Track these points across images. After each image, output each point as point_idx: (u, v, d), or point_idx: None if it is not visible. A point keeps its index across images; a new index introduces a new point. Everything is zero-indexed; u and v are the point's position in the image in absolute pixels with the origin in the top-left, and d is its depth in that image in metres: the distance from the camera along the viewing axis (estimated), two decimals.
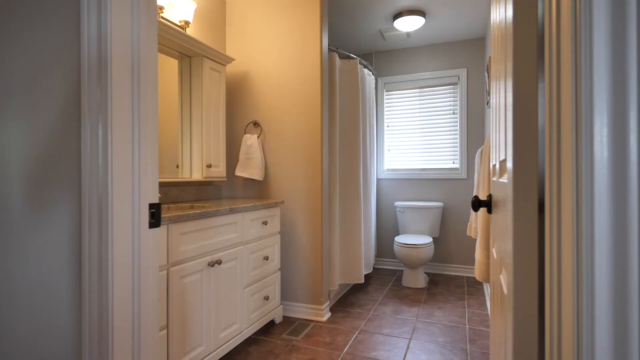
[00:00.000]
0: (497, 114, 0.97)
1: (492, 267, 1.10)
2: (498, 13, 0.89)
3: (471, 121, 3.67)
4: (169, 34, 2.01)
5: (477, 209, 1.19)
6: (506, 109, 0.68)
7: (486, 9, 3.01)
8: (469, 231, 2.41)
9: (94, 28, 0.72)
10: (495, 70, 1.01)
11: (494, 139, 1.06)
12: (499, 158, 0.87)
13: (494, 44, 1.09)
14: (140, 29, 0.76)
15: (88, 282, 0.72)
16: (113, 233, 0.72)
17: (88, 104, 0.74)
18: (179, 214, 1.60)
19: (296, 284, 2.62)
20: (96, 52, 0.72)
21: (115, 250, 0.72)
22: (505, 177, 0.75)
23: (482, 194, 1.61)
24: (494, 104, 1.05)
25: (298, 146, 2.59)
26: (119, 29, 0.73)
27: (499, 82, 0.88)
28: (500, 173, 0.86)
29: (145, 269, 0.78)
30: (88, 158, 0.74)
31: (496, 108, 0.96)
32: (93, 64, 0.72)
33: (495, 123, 1.04)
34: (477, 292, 3.17)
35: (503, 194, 0.77)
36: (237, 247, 2.03)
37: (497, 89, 0.91)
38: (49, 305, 0.81)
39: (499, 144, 0.86)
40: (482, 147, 2.23)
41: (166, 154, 2.24)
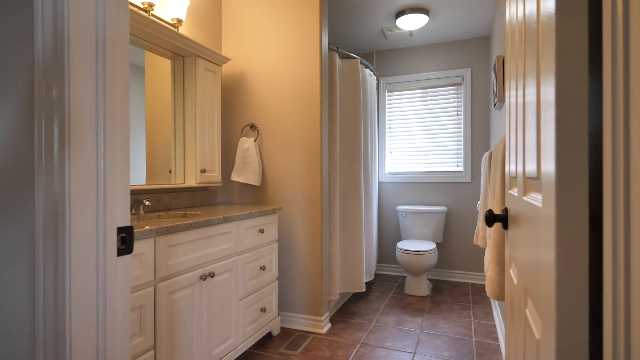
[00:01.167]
0: (517, 116, 0.85)
1: (510, 291, 0.99)
2: (522, 6, 0.78)
3: (476, 123, 3.56)
4: (159, 32, 1.90)
5: (491, 224, 1.08)
6: (540, 109, 0.57)
7: (492, 6, 2.90)
8: (475, 239, 2.29)
9: (49, 8, 0.60)
10: (515, 67, 0.90)
11: (513, 144, 0.95)
12: (523, 166, 0.76)
13: (512, 41, 0.97)
14: (106, 11, 0.65)
15: (43, 321, 0.60)
16: (71, 263, 0.61)
17: (42, 103, 0.62)
18: (168, 225, 1.48)
19: (295, 294, 2.50)
20: (51, 36, 0.61)
21: (75, 284, 0.61)
22: (536, 194, 0.64)
23: (494, 204, 1.50)
24: (513, 103, 0.94)
25: (297, 149, 2.48)
26: (79, 9, 0.62)
27: (522, 80, 0.77)
28: (524, 188, 0.75)
29: (113, 305, 0.66)
30: (43, 171, 0.62)
31: (517, 109, 0.85)
32: (48, 51, 0.61)
33: (514, 124, 0.93)
34: (482, 300, 3.06)
35: (530, 212, 0.65)
36: (232, 258, 1.92)
37: (521, 88, 0.80)
38: None
39: (524, 150, 0.74)
40: (491, 151, 2.11)
41: (159, 158, 2.13)
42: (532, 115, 0.65)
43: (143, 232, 1.37)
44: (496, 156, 1.59)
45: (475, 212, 3.58)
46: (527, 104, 0.70)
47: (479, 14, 3.04)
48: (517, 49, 0.87)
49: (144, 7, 1.94)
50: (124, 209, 0.70)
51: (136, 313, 1.37)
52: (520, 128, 0.81)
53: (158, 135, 2.14)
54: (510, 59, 1.04)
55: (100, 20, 0.64)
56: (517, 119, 0.87)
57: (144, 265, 1.39)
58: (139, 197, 1.99)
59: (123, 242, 0.70)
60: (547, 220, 0.51)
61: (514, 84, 0.94)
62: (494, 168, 1.64)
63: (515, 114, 0.89)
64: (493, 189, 1.60)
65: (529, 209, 0.66)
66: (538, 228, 0.57)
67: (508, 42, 1.07)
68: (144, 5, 1.92)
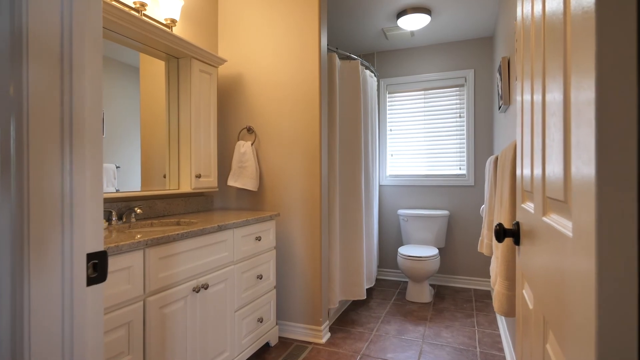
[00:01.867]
0: (534, 118, 0.78)
1: (524, 314, 0.91)
2: (541, 4, 0.70)
3: (479, 125, 3.48)
4: (151, 33, 1.83)
5: (501, 239, 1.01)
6: (571, 110, 0.49)
7: (496, 6, 2.82)
8: (480, 247, 2.22)
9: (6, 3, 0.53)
10: (531, 68, 0.82)
11: (527, 150, 0.88)
12: (543, 181, 0.68)
13: (526, 40, 0.90)
14: (73, 6, 0.58)
15: None
16: (31, 299, 0.53)
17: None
18: (158, 236, 1.41)
19: (293, 302, 2.43)
20: (8, 28, 0.54)
21: (35, 322, 0.53)
22: (561, 218, 0.56)
23: (502, 214, 1.42)
24: (527, 105, 0.86)
25: (295, 153, 2.41)
26: (41, 2, 0.55)
27: (541, 80, 0.69)
28: (544, 207, 0.67)
29: (81, 343, 0.59)
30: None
31: (534, 110, 0.77)
32: (3, 45, 0.54)
33: (528, 127, 0.85)
34: (486, 307, 2.98)
35: (553, 237, 0.58)
36: (227, 268, 1.84)
37: (539, 88, 0.72)
38: None
39: (543, 159, 0.67)
40: (497, 156, 2.03)
41: (154, 163, 2.06)
42: (555, 118, 0.57)
43: (131, 244, 1.29)
44: (504, 163, 1.51)
45: (478, 217, 3.50)
46: (549, 104, 0.62)
47: (482, 14, 2.96)
48: (533, 48, 0.79)
49: (135, 7, 1.87)
50: (96, 231, 0.63)
51: (124, 330, 1.29)
52: (537, 132, 0.73)
53: (154, 138, 2.06)
54: (522, 59, 0.96)
55: (66, 17, 0.57)
56: (533, 122, 0.80)
57: (132, 279, 1.32)
58: (130, 205, 1.91)
59: (95, 269, 0.63)
60: (580, 259, 0.43)
61: (528, 85, 0.86)
62: (501, 175, 1.57)
63: (531, 116, 0.82)
64: (500, 198, 1.52)
65: (550, 233, 0.59)
66: (566, 261, 0.49)
67: (519, 42, 0.99)
68: (136, 5, 1.85)
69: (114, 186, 1.83)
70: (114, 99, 1.86)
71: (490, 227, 2.06)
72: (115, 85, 1.86)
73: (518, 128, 1.02)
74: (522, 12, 0.96)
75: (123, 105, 1.90)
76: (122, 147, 1.89)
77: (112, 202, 1.81)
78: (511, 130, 2.10)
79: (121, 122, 1.89)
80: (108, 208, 1.79)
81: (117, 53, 1.84)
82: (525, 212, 0.89)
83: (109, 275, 1.23)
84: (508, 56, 2.17)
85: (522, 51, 0.96)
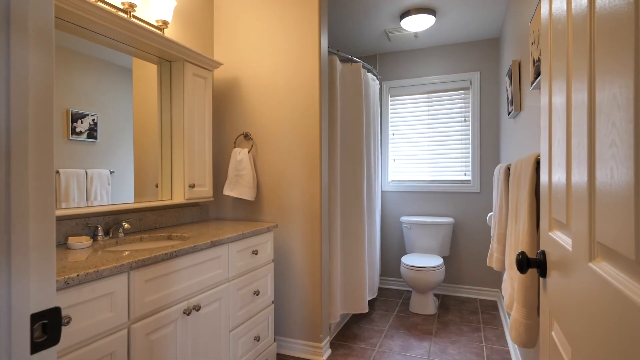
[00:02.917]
0: (577, 126, 0.66)
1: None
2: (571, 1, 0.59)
3: (485, 129, 3.37)
4: (141, 35, 1.71)
5: (525, 270, 0.89)
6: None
7: (503, 6, 2.71)
8: (489, 261, 2.11)
9: None
10: (567, 67, 0.70)
11: (558, 167, 0.76)
12: (590, 222, 0.57)
13: (560, 39, 0.78)
14: None
15: None
16: None
17: None
18: (143, 257, 1.29)
19: (292, 318, 2.31)
20: None
21: None
22: (622, 274, 0.45)
23: (517, 234, 1.31)
24: (560, 108, 0.75)
25: (294, 160, 2.29)
26: None
27: (587, 79, 0.58)
28: (591, 251, 0.56)
29: None
30: None
31: (577, 115, 0.65)
32: None
33: (561, 134, 0.73)
34: (493, 320, 2.86)
35: (610, 295, 0.47)
36: (222, 285, 1.73)
37: (582, 88, 0.60)
38: None
39: (592, 186, 0.55)
40: (507, 165, 1.92)
41: (146, 170, 1.95)
42: (616, 127, 0.46)
43: (113, 268, 1.18)
44: (519, 176, 1.39)
45: (484, 224, 3.38)
46: (601, 105, 0.51)
47: (489, 14, 2.85)
48: (571, 46, 0.67)
49: (124, 8, 1.75)
50: (46, 281, 0.51)
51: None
52: (580, 142, 0.61)
53: (147, 145, 1.96)
54: (550, 58, 0.84)
55: None
56: (569, 131, 0.68)
57: (114, 306, 1.21)
58: (119, 218, 1.80)
59: (45, 330, 0.51)
60: None
61: (561, 85, 0.74)
62: (515, 188, 1.45)
63: (566, 121, 0.70)
64: (515, 215, 1.41)
65: (606, 289, 0.47)
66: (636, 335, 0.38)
67: (547, 41, 0.87)
68: (124, 6, 1.74)
69: (107, 193, 1.74)
70: (108, 102, 1.76)
71: (500, 241, 1.95)
72: (110, 88, 1.76)
73: (544, 139, 0.89)
74: (549, 9, 0.84)
75: (118, 108, 1.81)
76: (117, 152, 1.80)
77: (98, 216, 1.70)
78: (522, 137, 1.98)
79: (116, 126, 1.80)
80: (94, 223, 1.68)
81: (110, 55, 1.74)
82: (556, 245, 0.77)
83: (87, 303, 1.12)
84: (519, 59, 2.05)
85: (550, 50, 0.84)
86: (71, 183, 1.60)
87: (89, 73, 1.67)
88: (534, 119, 1.66)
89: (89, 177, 1.67)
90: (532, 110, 1.68)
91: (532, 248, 1.16)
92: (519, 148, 2.08)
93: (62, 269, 1.13)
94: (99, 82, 1.71)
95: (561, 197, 0.74)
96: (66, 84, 1.59)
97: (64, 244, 1.54)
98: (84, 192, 1.65)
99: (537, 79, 1.39)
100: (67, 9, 1.41)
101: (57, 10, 1.41)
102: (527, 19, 1.84)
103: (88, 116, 1.68)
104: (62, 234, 1.55)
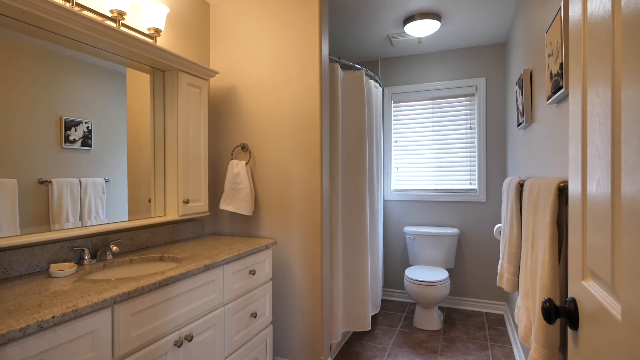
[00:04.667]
0: (613, 139, 0.56)
1: None
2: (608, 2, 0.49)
3: (491, 137, 3.26)
4: (130, 45, 1.61)
5: (553, 320, 0.79)
6: None
7: (511, 11, 2.60)
8: (499, 282, 2.00)
9: None
10: (612, 71, 0.60)
11: (597, 205, 0.66)
12: None
13: (595, 42, 0.68)
14: None
15: None
16: None
17: None
18: (129, 289, 1.19)
19: (291, 338, 2.21)
20: None
21: None
22: None
23: (538, 272, 1.20)
24: (604, 118, 0.64)
25: (293, 173, 2.19)
26: None
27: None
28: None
29: None
30: None
31: (615, 124, 0.55)
32: None
33: (604, 152, 0.63)
34: (500, 336, 2.75)
35: None
36: (216, 311, 1.63)
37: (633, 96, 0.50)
38: None
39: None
40: (520, 181, 1.81)
41: (140, 183, 1.86)
42: None
43: (94, 305, 1.08)
44: (536, 200, 1.29)
45: (491, 235, 3.27)
46: None
47: (496, 19, 2.74)
48: (611, 50, 0.57)
49: (112, 16, 1.65)
50: None
51: None
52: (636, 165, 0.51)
53: (142, 157, 1.87)
54: (584, 62, 0.74)
55: None
56: (613, 151, 0.58)
57: (97, 344, 1.10)
58: (108, 239, 1.70)
59: None
60: None
61: (604, 91, 0.63)
62: (532, 213, 1.34)
63: (611, 136, 0.59)
64: (532, 240, 1.30)
65: None
66: None
67: (579, 46, 0.77)
68: (113, 14, 1.64)
69: (102, 202, 1.66)
70: (103, 108, 1.68)
71: (511, 261, 1.84)
72: (105, 93, 1.68)
73: (574, 161, 0.78)
74: (583, 10, 0.74)
75: (114, 114, 1.73)
76: (113, 159, 1.73)
77: (85, 238, 1.60)
78: (535, 151, 1.87)
79: (112, 132, 1.72)
80: (80, 245, 1.58)
81: (106, 60, 1.66)
82: (593, 299, 0.67)
83: (66, 345, 1.01)
84: (530, 68, 1.95)
85: (584, 55, 0.74)
86: (64, 193, 1.51)
87: (82, 78, 1.58)
88: (548, 134, 1.56)
89: (83, 186, 1.59)
90: (547, 124, 1.58)
91: (554, 285, 1.06)
92: (531, 162, 1.98)
93: (37, 306, 1.03)
94: (93, 87, 1.62)
95: (602, 248, 0.63)
96: (58, 91, 1.50)
97: (47, 270, 1.44)
98: (77, 202, 1.56)
99: (555, 94, 1.29)
100: (48, 19, 1.31)
101: (37, 20, 1.31)
102: (539, 25, 1.74)
103: (82, 123, 1.59)
104: (45, 259, 1.45)
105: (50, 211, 1.47)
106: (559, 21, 1.20)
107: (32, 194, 1.41)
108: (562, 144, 1.33)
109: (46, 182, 1.46)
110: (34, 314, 0.97)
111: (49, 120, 1.47)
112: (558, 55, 1.22)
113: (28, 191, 1.40)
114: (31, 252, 1.40)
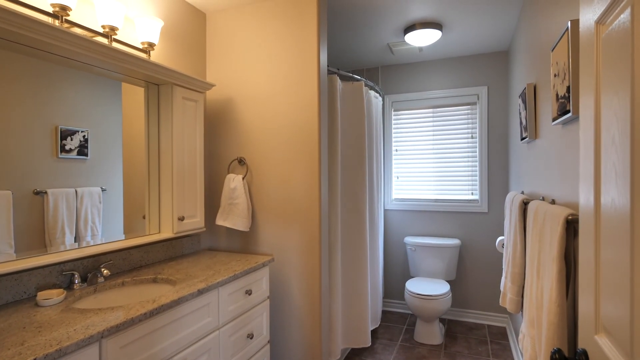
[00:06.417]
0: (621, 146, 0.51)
1: None
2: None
3: (493, 146, 3.21)
4: (122, 61, 1.57)
5: None
6: None
7: (514, 20, 2.55)
8: (502, 301, 1.95)
9: None
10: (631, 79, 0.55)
11: (613, 268, 0.61)
12: None
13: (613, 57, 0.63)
14: None
15: None
16: None
17: None
18: (117, 322, 1.14)
19: (289, 357, 2.16)
20: None
21: None
22: None
23: (544, 304, 1.15)
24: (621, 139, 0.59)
25: (291, 186, 2.14)
26: None
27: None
28: None
29: None
30: None
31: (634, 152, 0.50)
32: None
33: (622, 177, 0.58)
34: (503, 351, 2.70)
35: None
36: (211, 335, 1.58)
37: None
38: None
39: None
40: (523, 199, 1.76)
41: (134, 200, 1.81)
42: None
43: (79, 343, 1.03)
44: (542, 225, 1.24)
45: (492, 246, 3.22)
46: None
47: (498, 27, 2.69)
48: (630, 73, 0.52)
49: (104, 32, 1.61)
50: None
51: None
52: None
53: (138, 171, 1.82)
54: (598, 74, 0.69)
55: None
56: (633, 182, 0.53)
57: None
58: (100, 260, 1.65)
59: None
60: None
61: (622, 102, 0.58)
62: (537, 238, 1.29)
63: (631, 170, 0.54)
64: (537, 267, 1.25)
65: None
66: None
67: (591, 62, 0.72)
68: (105, 30, 1.59)
69: (99, 211, 1.63)
70: (100, 117, 1.64)
71: (514, 281, 1.79)
72: (101, 102, 1.65)
73: (586, 189, 0.73)
74: (596, 33, 0.69)
75: (110, 123, 1.70)
76: (109, 168, 1.69)
77: (76, 261, 1.55)
78: (538, 168, 1.82)
79: (108, 141, 1.69)
80: (71, 269, 1.53)
81: (98, 75, 1.62)
82: (605, 356, 0.62)
83: None
84: (534, 83, 1.90)
85: (597, 72, 0.69)
86: (60, 204, 1.47)
87: (78, 87, 1.54)
88: (553, 153, 1.51)
89: (79, 196, 1.55)
90: (552, 143, 1.53)
91: (561, 322, 1.00)
92: (535, 179, 1.93)
93: (20, 345, 0.98)
94: (89, 95, 1.59)
95: (620, 306, 0.58)
96: (54, 100, 1.46)
97: (34, 297, 1.39)
98: (73, 213, 1.52)
99: (561, 116, 1.23)
100: (34, 37, 1.26)
101: (23, 38, 1.26)
102: (544, 39, 1.69)
103: (78, 132, 1.55)
104: (34, 285, 1.40)
105: (46, 223, 1.43)
106: (566, 42, 1.15)
107: (27, 206, 1.37)
108: (568, 164, 1.28)
109: (41, 192, 1.42)
110: (15, 356, 0.93)
111: (44, 130, 1.43)
112: (565, 78, 1.17)
113: (23, 203, 1.35)
114: (18, 278, 1.36)
